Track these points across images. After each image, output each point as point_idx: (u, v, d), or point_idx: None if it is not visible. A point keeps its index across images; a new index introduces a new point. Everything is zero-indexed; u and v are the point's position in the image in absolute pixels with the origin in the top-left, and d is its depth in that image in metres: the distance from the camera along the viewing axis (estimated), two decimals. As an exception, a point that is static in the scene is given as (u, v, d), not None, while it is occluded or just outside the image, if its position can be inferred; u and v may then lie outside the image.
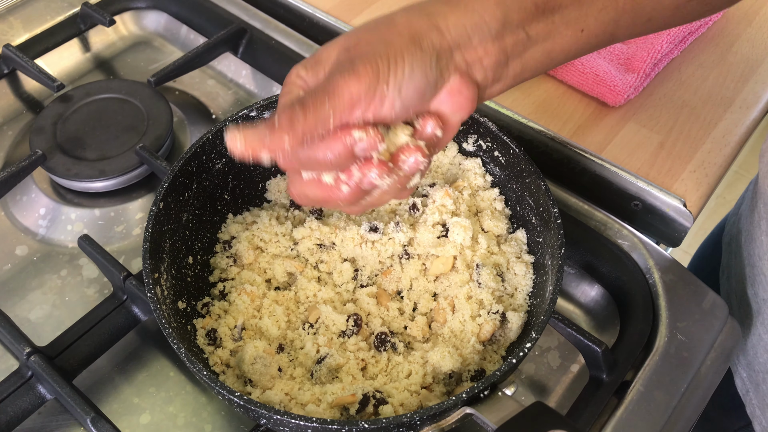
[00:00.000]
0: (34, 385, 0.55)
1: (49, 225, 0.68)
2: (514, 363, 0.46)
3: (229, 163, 0.59)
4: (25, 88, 0.80)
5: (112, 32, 0.85)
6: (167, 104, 0.74)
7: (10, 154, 0.74)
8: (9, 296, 0.63)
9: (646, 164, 0.66)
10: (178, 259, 0.55)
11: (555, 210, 0.53)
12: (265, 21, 0.81)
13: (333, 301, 0.56)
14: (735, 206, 0.81)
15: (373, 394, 0.49)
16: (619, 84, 0.69)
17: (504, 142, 0.57)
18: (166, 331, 0.46)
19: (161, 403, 0.57)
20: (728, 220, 0.78)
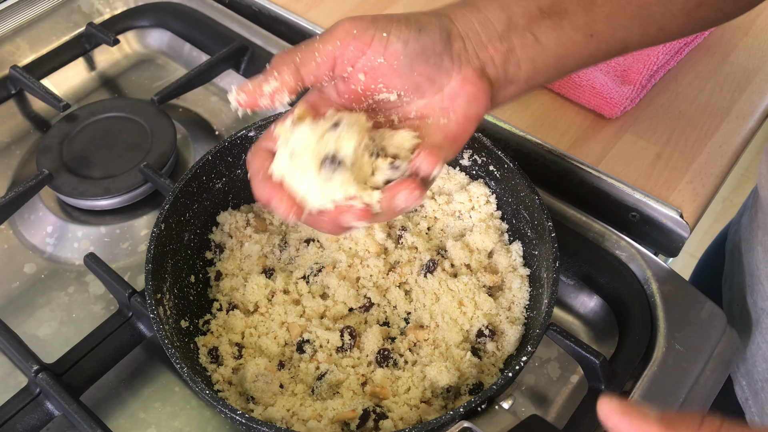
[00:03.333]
0: (42, 402, 0.56)
1: (56, 243, 0.69)
2: (510, 377, 0.47)
3: (229, 183, 0.61)
4: (32, 108, 0.82)
5: (116, 51, 0.87)
6: (171, 122, 0.75)
7: (18, 173, 0.76)
8: (18, 313, 0.64)
9: (643, 175, 0.67)
10: (180, 278, 0.56)
11: (549, 224, 0.53)
12: (267, 38, 0.82)
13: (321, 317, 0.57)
14: (738, 213, 0.81)
15: (373, 409, 0.50)
16: (616, 96, 0.70)
17: (498, 157, 0.58)
18: (169, 352, 0.47)
19: (167, 417, 0.58)
20: (731, 228, 0.79)
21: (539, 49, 0.46)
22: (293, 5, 0.85)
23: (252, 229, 0.61)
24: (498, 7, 0.45)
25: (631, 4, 0.47)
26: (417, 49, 0.43)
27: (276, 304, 0.57)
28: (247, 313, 0.57)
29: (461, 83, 0.45)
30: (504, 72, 0.46)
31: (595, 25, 0.46)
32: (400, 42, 0.42)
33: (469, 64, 0.45)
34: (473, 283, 0.56)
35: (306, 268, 0.59)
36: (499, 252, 0.59)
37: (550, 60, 0.47)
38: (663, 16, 0.48)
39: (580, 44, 0.47)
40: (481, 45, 0.45)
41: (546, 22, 0.46)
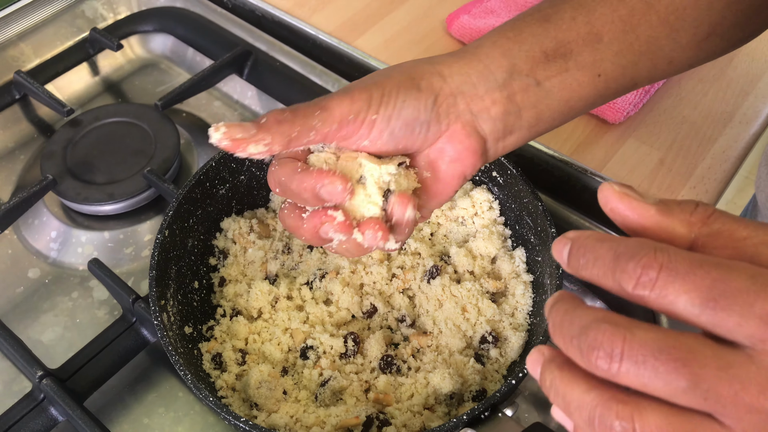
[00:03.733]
0: (46, 407, 0.56)
1: (60, 248, 0.69)
2: (514, 384, 0.47)
3: (233, 189, 0.61)
4: (36, 113, 0.82)
5: (120, 56, 0.87)
6: (174, 127, 0.75)
7: (22, 178, 0.76)
8: (22, 318, 0.65)
9: (647, 181, 0.67)
10: (184, 284, 0.57)
11: (552, 230, 0.53)
12: (270, 43, 0.83)
13: (324, 323, 0.57)
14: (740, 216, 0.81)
15: (376, 415, 0.50)
16: (619, 101, 0.70)
17: (501, 163, 0.58)
18: (173, 358, 0.47)
19: (170, 423, 0.58)
20: None
21: (542, 94, 0.44)
22: (296, 10, 0.85)
23: (255, 235, 0.61)
24: (500, 54, 0.44)
25: (639, 40, 0.45)
26: (399, 124, 0.42)
27: (279, 310, 0.57)
28: (250, 319, 0.57)
29: (448, 140, 0.44)
30: (503, 123, 0.44)
31: (603, 64, 0.45)
32: (383, 121, 0.42)
33: (458, 121, 0.43)
34: (476, 289, 0.56)
35: (309, 274, 0.59)
36: (502, 258, 0.59)
37: (554, 104, 0.45)
38: (672, 50, 0.46)
39: (587, 85, 0.45)
40: (476, 98, 0.43)
41: (551, 64, 0.44)
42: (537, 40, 0.44)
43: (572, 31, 0.44)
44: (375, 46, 0.81)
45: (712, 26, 0.46)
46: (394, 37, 0.82)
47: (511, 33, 0.45)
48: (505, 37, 0.45)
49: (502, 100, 0.44)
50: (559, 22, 0.45)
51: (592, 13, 0.45)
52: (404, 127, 0.43)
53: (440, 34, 0.82)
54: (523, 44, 0.44)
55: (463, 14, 0.81)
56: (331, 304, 0.58)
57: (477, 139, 0.44)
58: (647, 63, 0.46)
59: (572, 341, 0.27)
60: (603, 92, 0.46)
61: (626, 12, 0.45)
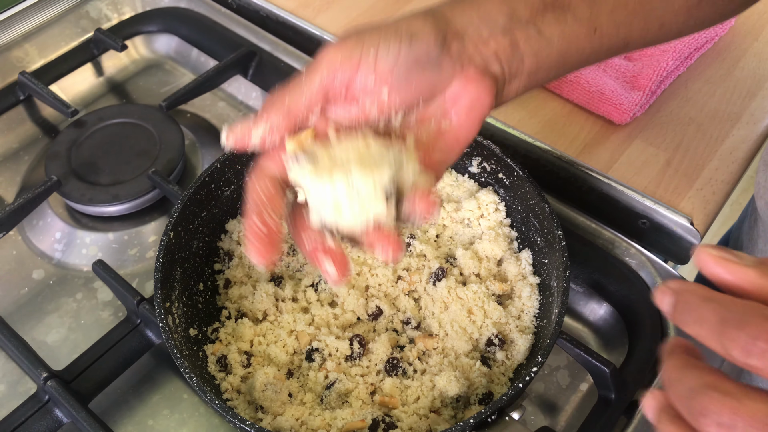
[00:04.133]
0: (51, 409, 0.56)
1: (64, 249, 0.69)
2: (521, 387, 0.46)
3: (238, 190, 0.60)
4: (41, 114, 0.82)
5: (124, 56, 0.87)
6: (179, 128, 0.75)
7: (27, 179, 0.76)
8: (27, 320, 0.65)
9: (653, 182, 0.66)
10: (189, 286, 0.56)
11: (559, 232, 0.53)
12: (275, 44, 0.82)
13: (330, 325, 0.57)
14: (738, 220, 0.80)
15: (382, 418, 0.50)
16: (625, 102, 0.70)
17: (507, 165, 0.58)
18: (178, 361, 0.47)
19: (175, 425, 0.58)
20: (731, 234, 0.78)
21: (543, 42, 0.44)
22: (301, 11, 0.85)
23: (261, 238, 0.60)
24: (500, 1, 0.44)
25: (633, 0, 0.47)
26: (410, 60, 0.41)
27: (284, 312, 0.57)
28: (255, 321, 0.57)
29: (463, 84, 0.43)
30: (508, 67, 0.44)
31: (599, 18, 0.46)
32: (390, 56, 0.40)
33: (471, 63, 0.43)
34: (482, 291, 0.56)
35: (314, 276, 0.59)
36: (508, 260, 0.58)
37: (554, 54, 0.45)
38: (664, 12, 0.48)
39: (584, 38, 0.46)
40: (482, 41, 0.43)
41: (550, 14, 0.44)
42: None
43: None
44: (380, 46, 0.80)
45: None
46: (399, 37, 0.81)
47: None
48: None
49: (506, 44, 0.44)
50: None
51: None
52: (415, 65, 0.41)
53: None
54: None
55: None
56: (336, 306, 0.58)
57: (491, 79, 0.43)
58: (640, 23, 0.47)
59: (682, 401, 0.27)
60: (597, 48, 0.47)
61: None
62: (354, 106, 0.42)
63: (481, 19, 0.43)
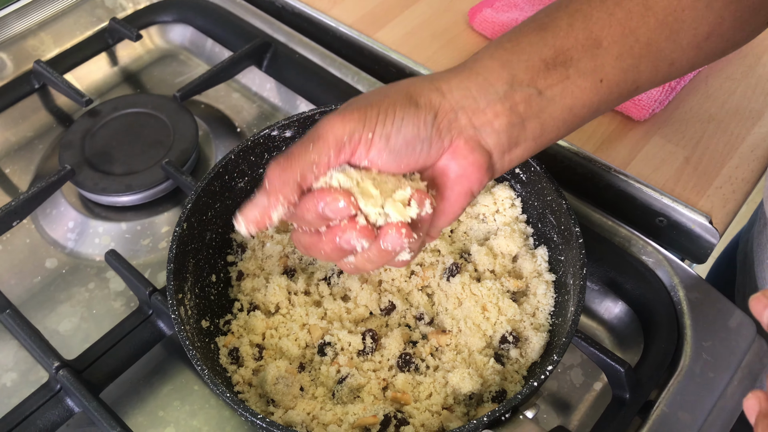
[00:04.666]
0: (62, 398, 0.56)
1: (77, 238, 0.69)
2: (536, 386, 0.46)
3: (251, 182, 0.60)
4: (55, 102, 0.82)
5: (139, 46, 0.87)
6: (193, 119, 0.75)
7: (41, 167, 0.76)
8: (39, 308, 0.65)
9: (672, 180, 0.65)
10: (202, 277, 0.56)
11: (577, 229, 0.52)
12: (289, 35, 0.82)
13: (342, 320, 0.56)
14: (748, 223, 0.79)
15: (394, 414, 0.49)
16: (644, 98, 0.69)
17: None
18: (190, 353, 0.47)
19: (186, 416, 0.58)
20: (741, 237, 0.77)
21: (544, 103, 0.44)
22: (316, 2, 0.84)
23: (273, 229, 0.60)
24: (499, 66, 0.44)
25: (639, 43, 0.45)
26: (400, 143, 0.42)
27: (297, 306, 0.56)
28: (268, 314, 0.57)
29: (452, 157, 0.44)
30: (507, 136, 0.44)
31: (604, 69, 0.45)
32: (382, 140, 0.42)
33: (461, 136, 0.43)
34: (497, 288, 0.55)
35: (327, 270, 0.58)
36: (523, 257, 0.58)
37: (558, 112, 0.45)
38: (672, 51, 0.46)
39: (590, 91, 0.45)
40: (478, 111, 0.43)
41: (551, 73, 0.44)
42: (535, 50, 0.44)
43: (570, 38, 0.44)
44: (395, 39, 0.80)
45: (711, 27, 0.46)
46: (414, 30, 0.81)
47: (508, 44, 0.45)
48: (503, 49, 0.45)
49: (504, 112, 0.43)
50: (556, 30, 0.44)
51: (589, 19, 0.44)
52: (405, 145, 0.42)
53: (462, 27, 0.81)
54: (522, 54, 0.44)
55: (485, 8, 0.79)
56: (349, 300, 0.57)
57: (482, 154, 0.44)
58: (648, 65, 0.46)
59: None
60: (606, 97, 0.46)
61: (623, 15, 0.44)
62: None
63: (479, 89, 0.43)
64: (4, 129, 0.79)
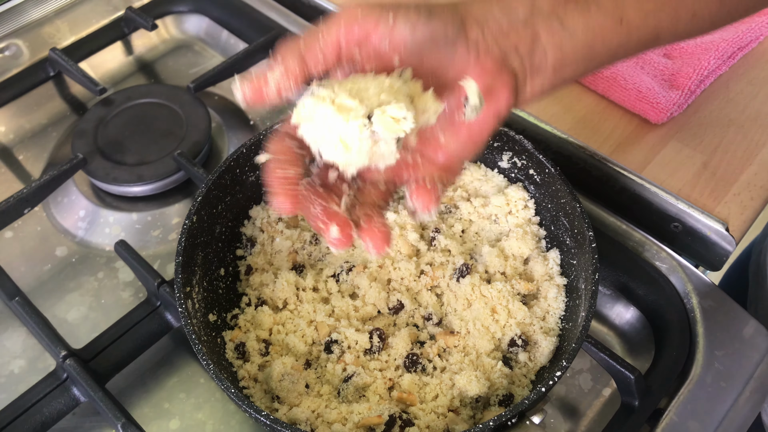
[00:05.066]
0: (69, 387, 0.56)
1: (87, 227, 0.69)
2: (543, 392, 0.45)
3: (262, 176, 0.60)
4: (70, 90, 0.82)
5: (154, 36, 0.87)
6: (206, 110, 0.75)
7: (54, 155, 0.76)
8: (48, 296, 0.65)
9: (688, 185, 0.64)
10: (210, 271, 0.56)
11: (590, 233, 0.52)
12: (305, 28, 0.81)
13: (350, 317, 0.56)
14: (761, 233, 0.77)
15: (399, 415, 0.49)
16: (663, 101, 0.67)
17: (539, 161, 0.56)
18: (196, 347, 0.46)
19: (191, 409, 0.58)
20: (754, 248, 0.75)
21: (566, 34, 0.43)
22: (333, -5, 0.84)
23: (284, 225, 0.60)
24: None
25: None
26: (426, 34, 0.40)
27: (305, 302, 0.56)
28: (275, 309, 0.56)
29: (479, 75, 0.41)
30: (530, 61, 0.42)
31: (625, 9, 0.43)
32: (407, 25, 0.40)
33: (489, 54, 0.41)
34: (507, 290, 0.55)
35: (336, 267, 0.58)
36: (535, 259, 0.57)
37: (579, 47, 0.43)
38: (695, 1, 0.45)
39: (610, 30, 0.44)
40: (501, 33, 0.42)
41: (572, 5, 0.43)
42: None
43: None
44: (412, 34, 0.79)
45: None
46: (431, 26, 0.80)
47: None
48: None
49: (527, 36, 0.42)
50: None
51: None
52: (430, 39, 0.40)
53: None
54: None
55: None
56: (357, 298, 0.57)
57: (509, 73, 0.42)
58: (669, 13, 0.45)
59: None
60: (626, 41, 0.45)
61: None
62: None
63: (502, 10, 0.42)
64: (18, 116, 0.79)
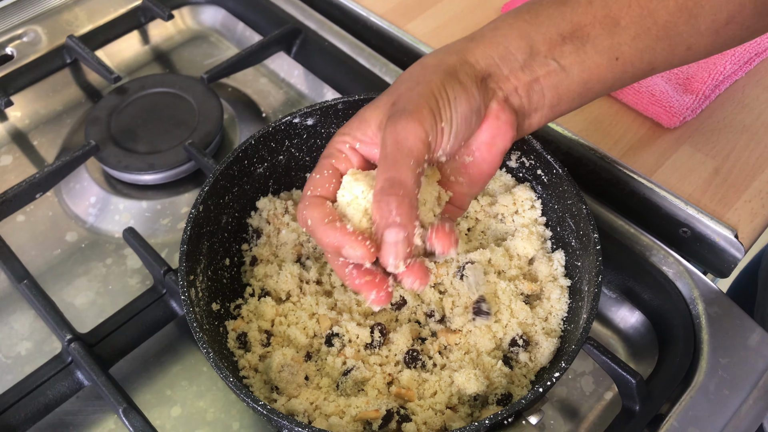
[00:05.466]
0: (73, 370, 0.56)
1: (98, 214, 0.70)
2: (541, 392, 0.45)
3: (271, 168, 0.60)
4: (86, 78, 0.83)
5: (170, 26, 0.87)
6: (219, 101, 0.75)
7: (68, 141, 0.77)
8: (57, 281, 0.65)
9: (698, 190, 0.64)
10: (215, 260, 0.56)
11: (595, 235, 0.51)
12: (320, 22, 0.82)
13: (352, 311, 0.56)
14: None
15: (397, 410, 0.49)
16: (676, 105, 0.67)
17: (547, 161, 0.56)
18: (197, 335, 0.47)
19: (192, 397, 0.58)
20: (764, 255, 0.75)
21: (563, 75, 0.45)
22: (349, -10, 0.84)
23: (290, 217, 0.60)
24: (518, 36, 0.45)
25: (657, 25, 0.45)
26: (459, 120, 0.43)
27: (308, 294, 0.56)
28: (278, 300, 0.57)
29: (486, 119, 0.45)
30: (528, 101, 0.45)
31: (620, 47, 0.45)
32: (447, 125, 0.42)
33: (494, 98, 0.45)
34: (510, 289, 0.54)
35: (341, 261, 0.58)
36: (540, 260, 0.57)
37: (574, 85, 0.46)
38: (690, 35, 0.46)
39: (605, 68, 0.46)
40: (503, 78, 0.45)
41: (568, 47, 0.45)
42: (554, 23, 0.45)
43: (589, 15, 0.45)
44: (426, 31, 0.79)
45: (731, 13, 0.46)
46: (446, 23, 0.80)
47: (527, 15, 0.46)
48: (522, 20, 0.46)
49: (525, 80, 0.45)
50: (575, 6, 0.45)
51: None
52: (463, 121, 0.43)
53: (494, 23, 0.80)
54: (540, 27, 0.45)
55: (520, 4, 0.78)
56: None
57: (512, 112, 0.45)
58: (665, 48, 0.46)
59: None
60: (621, 75, 0.47)
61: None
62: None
63: (502, 59, 0.45)
64: (34, 101, 0.80)
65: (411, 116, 0.41)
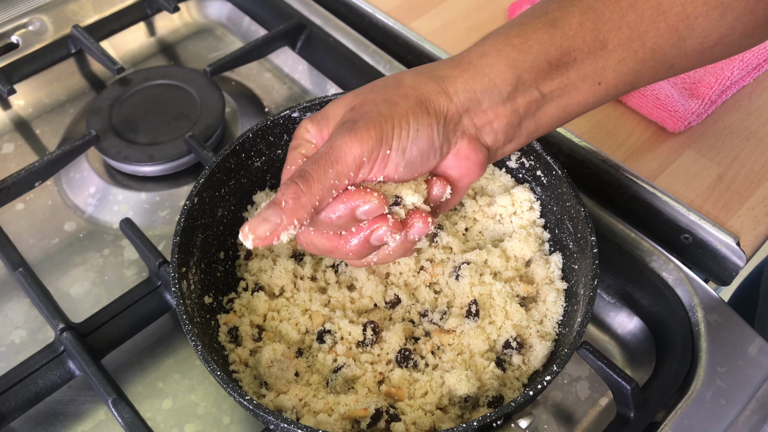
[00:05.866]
0: (64, 360, 0.56)
1: (97, 204, 0.70)
2: (531, 395, 0.44)
3: (268, 162, 0.60)
4: (90, 68, 0.83)
5: (176, 18, 0.87)
6: (221, 95, 0.75)
7: (70, 130, 0.77)
8: (53, 270, 0.65)
9: (701, 196, 0.63)
10: (209, 253, 0.56)
11: (592, 239, 0.51)
12: (326, 18, 0.81)
13: (345, 309, 0.55)
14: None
15: (386, 409, 0.48)
16: (681, 109, 0.66)
17: (547, 162, 0.55)
18: (186, 327, 0.47)
19: (184, 390, 0.58)
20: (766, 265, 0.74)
21: (542, 102, 0.45)
22: (356, -14, 0.83)
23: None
24: (505, 66, 0.43)
25: (644, 48, 0.44)
26: (415, 154, 0.43)
27: (301, 290, 0.56)
28: (271, 296, 0.56)
29: (455, 158, 0.44)
30: (504, 134, 0.45)
31: (604, 72, 0.44)
32: (399, 154, 0.42)
33: (464, 137, 0.44)
34: (506, 291, 0.54)
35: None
36: (537, 262, 0.56)
37: (552, 110, 0.45)
38: (676, 57, 0.45)
39: (586, 92, 0.45)
40: (480, 112, 0.44)
41: (554, 75, 0.44)
42: (543, 49, 0.44)
43: (578, 38, 0.44)
44: (431, 30, 0.78)
45: (720, 36, 0.45)
46: (452, 22, 0.79)
47: (516, 40, 0.44)
48: (511, 45, 0.44)
49: (505, 114, 0.44)
50: (566, 28, 0.44)
51: (600, 18, 0.44)
52: (419, 155, 0.43)
53: (500, 23, 0.79)
54: (529, 54, 0.44)
55: (527, 4, 0.77)
56: (354, 290, 0.56)
57: (482, 152, 0.45)
58: (648, 68, 0.46)
59: None
60: (602, 98, 0.46)
61: (635, 18, 0.44)
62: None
63: (484, 91, 0.43)
64: (38, 90, 0.80)
65: (356, 134, 0.41)
